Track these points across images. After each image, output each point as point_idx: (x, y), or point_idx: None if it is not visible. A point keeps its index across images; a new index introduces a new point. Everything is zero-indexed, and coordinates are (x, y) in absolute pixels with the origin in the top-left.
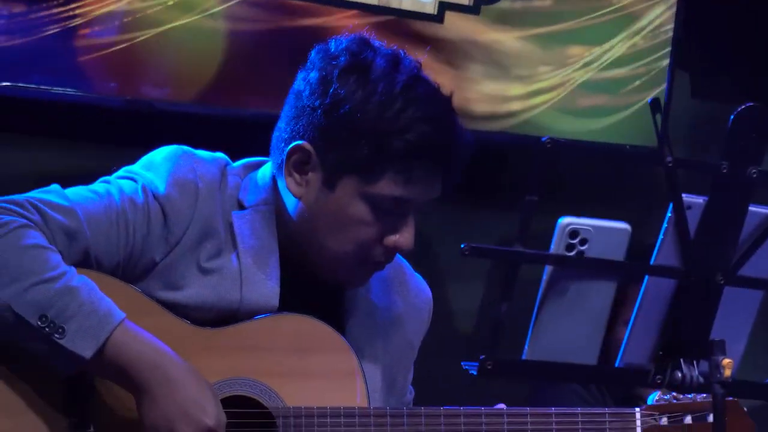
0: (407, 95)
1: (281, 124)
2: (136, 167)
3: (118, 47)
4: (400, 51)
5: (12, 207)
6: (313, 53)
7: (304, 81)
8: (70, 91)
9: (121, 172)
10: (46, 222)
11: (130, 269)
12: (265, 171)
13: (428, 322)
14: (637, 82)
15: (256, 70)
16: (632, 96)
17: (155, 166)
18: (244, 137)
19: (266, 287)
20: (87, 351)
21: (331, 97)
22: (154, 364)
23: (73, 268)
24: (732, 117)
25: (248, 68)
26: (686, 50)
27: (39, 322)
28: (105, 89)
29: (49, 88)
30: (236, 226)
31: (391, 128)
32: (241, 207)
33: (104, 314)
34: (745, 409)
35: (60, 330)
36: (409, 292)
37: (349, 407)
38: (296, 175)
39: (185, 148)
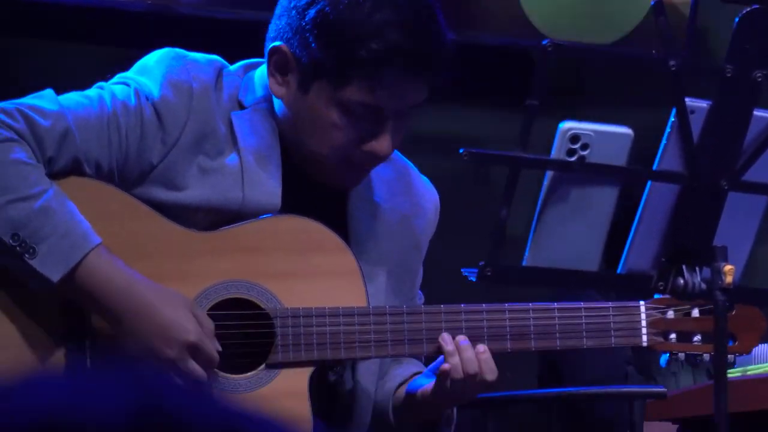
0: None
1: (270, 24)
2: (130, 72)
3: None
4: None
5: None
6: None
7: None
8: None
9: (115, 78)
10: (33, 130)
11: (127, 173)
12: (263, 69)
13: (435, 223)
14: None
15: None
16: None
17: (148, 70)
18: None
19: (268, 185)
20: (55, 275)
21: None
22: (124, 291)
23: (55, 186)
24: (737, 20)
25: None
26: None
27: (11, 240)
28: None
29: None
30: (236, 125)
31: (358, 33)
32: (242, 107)
33: (78, 238)
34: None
35: (31, 250)
36: (414, 194)
37: (348, 307)
38: (277, 76)
39: (178, 50)
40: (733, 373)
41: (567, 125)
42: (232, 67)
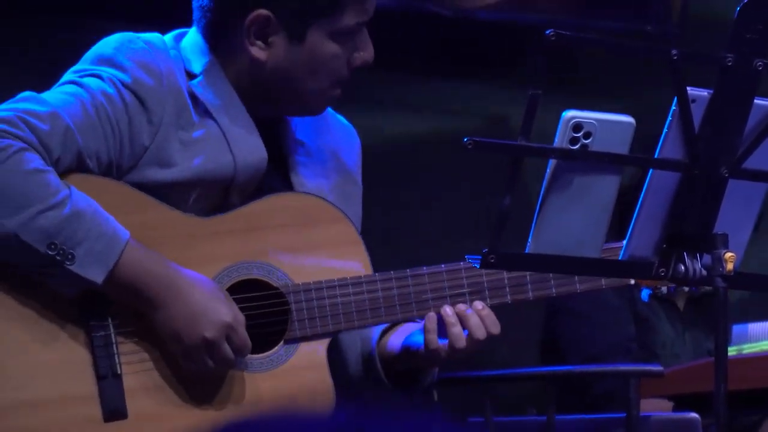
0: None
1: (215, 5)
2: (86, 65)
3: None
4: None
5: (4, 127)
6: None
7: None
8: None
9: (73, 75)
10: (38, 136)
11: (124, 161)
12: (190, 36)
13: (360, 153)
14: None
15: None
16: None
17: (109, 58)
18: None
19: (250, 141)
20: (98, 276)
21: None
22: (164, 280)
23: (73, 188)
24: (738, 8)
25: None
26: None
27: (48, 250)
28: None
29: None
30: (199, 93)
31: None
32: (191, 76)
33: (111, 236)
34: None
35: (69, 256)
36: (336, 131)
37: (355, 276)
38: (259, 42)
39: (129, 33)
40: (729, 352)
41: (570, 114)
42: (169, 41)
